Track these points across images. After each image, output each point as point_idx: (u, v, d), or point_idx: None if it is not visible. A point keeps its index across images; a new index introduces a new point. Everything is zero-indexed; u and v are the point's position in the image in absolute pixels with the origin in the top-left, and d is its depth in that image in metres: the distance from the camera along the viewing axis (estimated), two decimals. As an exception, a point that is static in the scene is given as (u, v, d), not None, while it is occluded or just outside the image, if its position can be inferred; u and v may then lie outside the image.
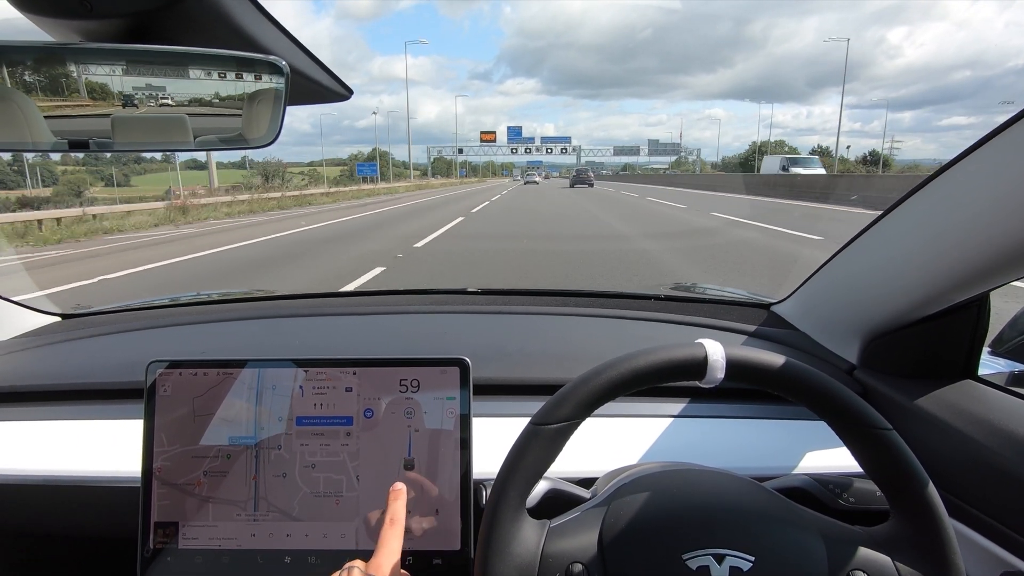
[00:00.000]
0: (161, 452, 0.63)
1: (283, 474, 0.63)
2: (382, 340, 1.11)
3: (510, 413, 0.80)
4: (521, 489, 0.51)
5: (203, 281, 6.57)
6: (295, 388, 0.64)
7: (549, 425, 0.51)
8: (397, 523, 0.57)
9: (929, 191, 0.66)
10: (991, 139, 0.56)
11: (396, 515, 0.57)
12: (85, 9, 0.49)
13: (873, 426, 0.49)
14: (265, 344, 1.12)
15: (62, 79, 0.56)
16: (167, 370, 0.64)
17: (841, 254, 0.87)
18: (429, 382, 0.64)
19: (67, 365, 1.00)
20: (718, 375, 0.50)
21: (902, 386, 0.77)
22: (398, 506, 0.58)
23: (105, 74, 0.57)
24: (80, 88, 0.56)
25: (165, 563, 0.62)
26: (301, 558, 0.62)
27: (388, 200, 27.10)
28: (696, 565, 0.48)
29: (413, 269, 6.81)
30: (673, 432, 0.80)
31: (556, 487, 0.62)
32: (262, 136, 0.62)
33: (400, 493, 0.59)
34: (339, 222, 14.51)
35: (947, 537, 0.48)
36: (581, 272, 6.25)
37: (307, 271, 7.01)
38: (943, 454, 0.68)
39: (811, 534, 0.51)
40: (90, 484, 0.77)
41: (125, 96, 0.57)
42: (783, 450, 0.77)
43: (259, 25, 0.57)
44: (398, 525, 0.57)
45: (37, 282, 6.62)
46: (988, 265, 0.61)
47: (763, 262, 6.86)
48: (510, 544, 0.49)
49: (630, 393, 0.52)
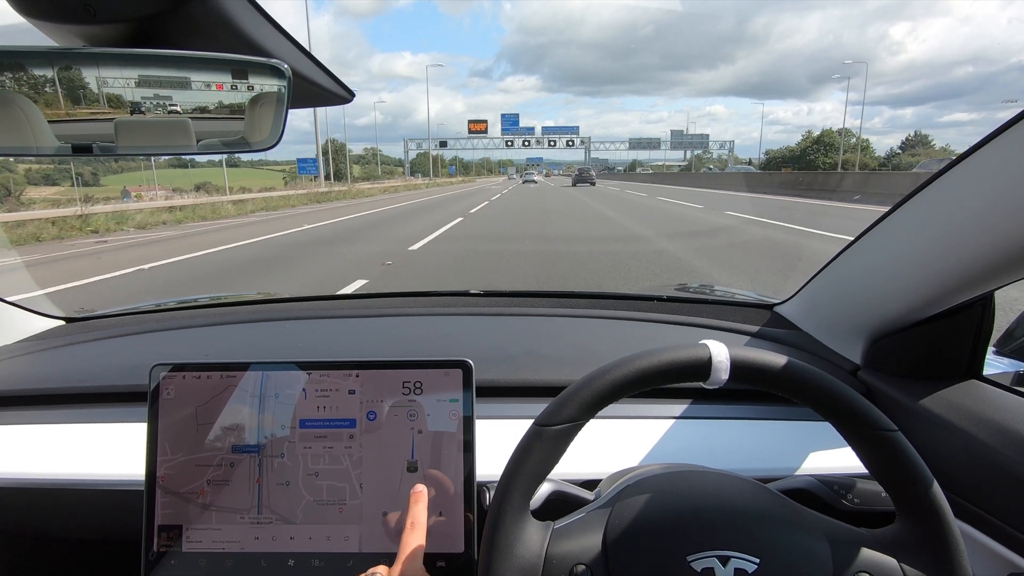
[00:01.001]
0: (164, 461, 0.63)
1: (286, 479, 0.63)
2: (385, 342, 1.11)
3: (513, 415, 0.80)
4: (525, 490, 0.50)
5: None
6: (298, 391, 0.64)
7: (553, 426, 0.51)
8: (418, 526, 0.57)
9: (932, 190, 0.66)
10: (994, 138, 0.56)
11: (417, 518, 0.58)
12: (88, 14, 0.49)
13: (878, 427, 0.49)
14: (268, 347, 1.12)
15: (65, 84, 0.56)
16: (171, 373, 0.65)
17: (844, 254, 0.86)
18: (432, 384, 0.64)
19: (71, 369, 1.01)
20: (722, 376, 0.50)
21: (906, 387, 0.76)
22: (419, 509, 0.58)
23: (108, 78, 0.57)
24: (83, 92, 0.57)
25: (169, 566, 0.62)
26: (305, 561, 0.62)
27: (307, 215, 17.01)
28: (700, 567, 0.48)
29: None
30: (677, 433, 0.80)
31: (560, 489, 0.62)
32: (264, 139, 0.63)
33: (421, 495, 0.59)
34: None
35: (953, 539, 0.48)
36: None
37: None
38: (948, 455, 0.67)
39: (816, 536, 0.50)
40: (94, 487, 0.77)
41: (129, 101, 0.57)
42: (787, 451, 0.77)
43: (261, 29, 0.57)
44: (419, 528, 0.57)
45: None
46: (992, 264, 0.60)
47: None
48: (514, 545, 0.49)
49: (634, 394, 0.52)
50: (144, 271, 7.12)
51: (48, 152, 0.59)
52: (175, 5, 0.49)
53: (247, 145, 0.63)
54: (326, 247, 8.99)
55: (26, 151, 0.58)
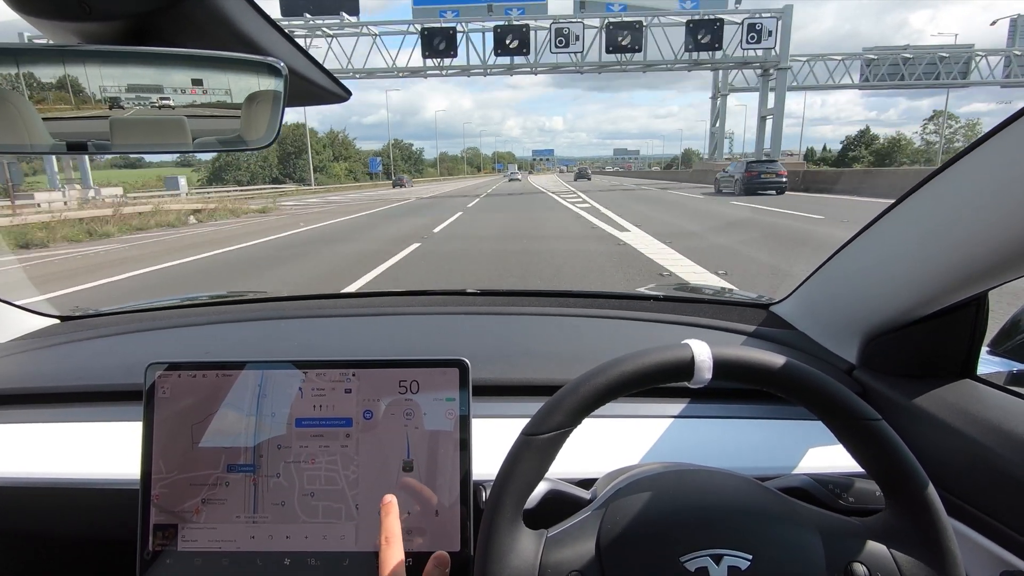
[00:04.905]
0: (160, 452, 0.63)
1: (282, 476, 0.63)
2: (381, 341, 1.11)
3: (510, 414, 0.80)
4: (516, 500, 0.51)
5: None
6: (294, 390, 0.64)
7: (541, 435, 0.51)
8: (393, 540, 0.57)
9: (928, 190, 0.66)
10: (990, 138, 0.56)
11: (390, 532, 0.57)
12: (83, 12, 0.49)
13: (861, 417, 0.50)
14: (264, 346, 1.12)
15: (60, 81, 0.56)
16: (166, 372, 0.64)
17: (840, 254, 0.87)
18: (428, 383, 0.64)
19: (66, 367, 1.00)
20: (705, 375, 0.51)
21: (901, 385, 0.77)
22: (390, 521, 0.58)
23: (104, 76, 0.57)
24: (78, 90, 0.56)
25: (165, 565, 0.62)
26: (300, 560, 0.62)
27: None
28: (694, 567, 0.48)
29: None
30: (675, 432, 0.80)
31: (556, 488, 0.62)
32: (260, 137, 0.62)
33: (391, 507, 0.59)
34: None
35: (941, 523, 0.48)
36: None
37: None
38: (942, 453, 0.68)
39: (808, 529, 0.51)
40: (89, 487, 0.77)
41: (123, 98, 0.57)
42: (784, 450, 0.77)
43: (257, 27, 0.57)
44: (395, 543, 0.56)
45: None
46: (987, 264, 0.61)
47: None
48: (508, 556, 0.49)
49: (631, 394, 0.52)
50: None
51: (43, 150, 0.59)
52: (171, 3, 0.49)
53: (243, 143, 0.63)
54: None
55: (20, 149, 0.58)
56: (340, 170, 69.79)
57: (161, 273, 7.61)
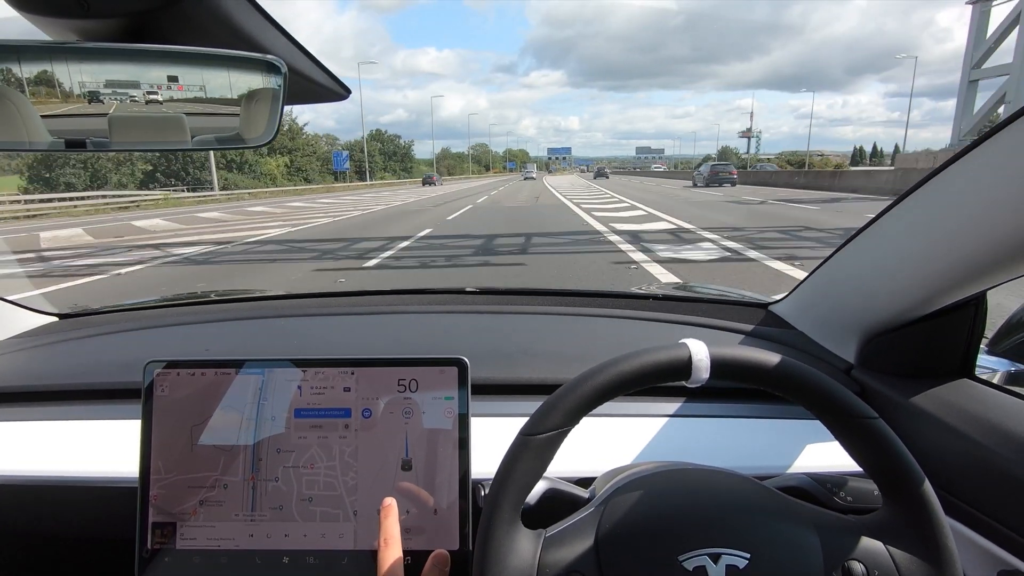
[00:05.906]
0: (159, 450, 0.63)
1: (281, 481, 0.63)
2: (380, 340, 1.11)
3: (509, 413, 0.80)
4: (514, 500, 0.51)
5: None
6: (293, 388, 0.64)
7: (539, 435, 0.51)
8: (392, 542, 0.57)
9: (927, 190, 0.66)
10: (989, 138, 0.56)
11: (389, 533, 0.57)
12: (82, 9, 0.49)
13: (858, 415, 0.50)
14: (263, 344, 1.11)
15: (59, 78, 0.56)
16: (164, 370, 0.64)
17: (838, 253, 0.87)
18: (427, 382, 0.64)
19: (64, 365, 1.00)
20: (703, 375, 0.51)
21: (900, 385, 0.77)
22: (390, 523, 0.58)
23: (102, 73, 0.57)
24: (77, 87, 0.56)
25: (163, 564, 0.62)
26: (299, 558, 0.62)
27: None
28: (692, 566, 0.48)
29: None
30: (673, 431, 0.80)
31: (554, 487, 0.62)
32: (259, 135, 0.62)
33: (390, 509, 0.59)
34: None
35: (938, 521, 0.49)
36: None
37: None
38: (940, 452, 0.68)
39: (805, 526, 0.51)
40: (87, 485, 0.76)
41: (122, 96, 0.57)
42: (782, 449, 0.77)
43: (257, 25, 0.56)
44: (393, 544, 0.57)
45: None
46: (985, 264, 0.61)
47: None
48: (506, 555, 0.49)
49: (629, 393, 0.52)
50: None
51: (41, 147, 0.58)
52: (170, 1, 0.49)
53: (242, 141, 0.63)
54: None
55: (19, 146, 0.58)
56: (276, 167, 49.28)
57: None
